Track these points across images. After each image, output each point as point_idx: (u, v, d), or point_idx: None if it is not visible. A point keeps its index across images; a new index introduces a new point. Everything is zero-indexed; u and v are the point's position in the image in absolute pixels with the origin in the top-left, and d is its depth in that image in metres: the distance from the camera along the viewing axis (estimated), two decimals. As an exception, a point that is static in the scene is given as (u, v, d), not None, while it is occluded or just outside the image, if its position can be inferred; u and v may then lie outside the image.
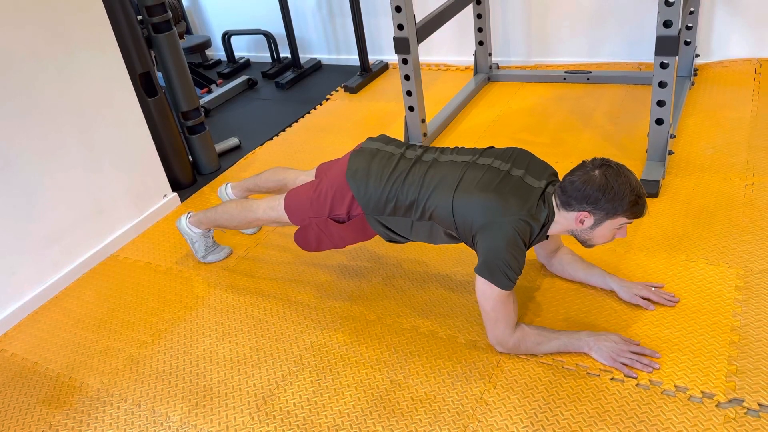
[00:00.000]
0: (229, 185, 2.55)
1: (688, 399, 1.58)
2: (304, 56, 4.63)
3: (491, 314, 1.71)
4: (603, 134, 2.95)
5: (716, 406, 1.55)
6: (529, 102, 3.42)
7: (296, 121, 3.70)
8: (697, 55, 3.36)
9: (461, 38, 3.94)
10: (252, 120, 3.83)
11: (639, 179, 1.73)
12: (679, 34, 2.22)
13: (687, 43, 3.17)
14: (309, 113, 3.80)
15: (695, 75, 3.32)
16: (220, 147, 3.38)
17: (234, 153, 3.41)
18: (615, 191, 1.59)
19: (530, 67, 3.84)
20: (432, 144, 3.13)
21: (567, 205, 1.67)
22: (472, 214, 1.69)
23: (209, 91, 4.28)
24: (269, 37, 4.50)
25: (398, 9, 2.70)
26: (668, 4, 2.17)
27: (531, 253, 2.09)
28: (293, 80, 4.31)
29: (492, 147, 1.89)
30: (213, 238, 2.45)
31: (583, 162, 1.68)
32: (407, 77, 2.89)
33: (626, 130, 2.94)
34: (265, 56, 4.77)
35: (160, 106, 2.88)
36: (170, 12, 2.88)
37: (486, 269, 1.65)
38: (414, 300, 2.08)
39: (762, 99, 2.98)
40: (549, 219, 1.71)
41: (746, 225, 2.17)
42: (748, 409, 1.53)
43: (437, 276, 2.17)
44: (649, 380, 1.65)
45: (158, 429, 1.76)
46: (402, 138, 3.11)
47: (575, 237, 1.75)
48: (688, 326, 1.79)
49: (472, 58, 3.77)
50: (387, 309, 2.06)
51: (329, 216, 1.92)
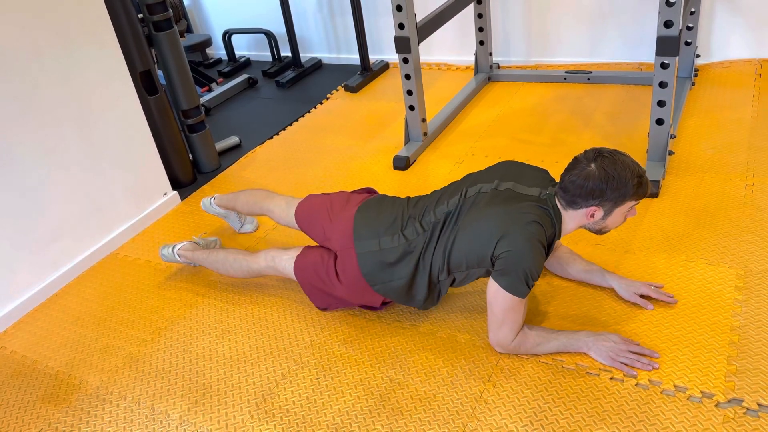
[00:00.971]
0: (213, 199, 2.51)
1: (688, 399, 1.58)
2: (305, 55, 4.63)
3: (499, 317, 1.70)
4: (603, 134, 2.95)
5: (715, 406, 1.55)
6: (530, 102, 3.42)
7: (296, 120, 3.70)
8: (698, 56, 3.36)
9: (462, 38, 3.94)
10: (252, 119, 3.83)
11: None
12: (680, 35, 2.22)
13: (688, 44, 3.17)
14: (309, 112, 3.80)
15: (696, 75, 3.33)
16: (221, 145, 3.38)
17: (234, 152, 3.41)
18: (617, 179, 1.59)
19: (531, 67, 3.84)
20: (433, 143, 3.13)
21: (573, 204, 1.66)
22: (489, 234, 1.66)
23: (210, 90, 4.28)
24: (270, 36, 4.50)
25: (399, 8, 2.70)
26: (669, 5, 2.17)
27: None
28: (294, 79, 4.31)
29: (471, 173, 1.89)
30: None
31: (576, 158, 1.67)
32: (408, 76, 2.89)
33: (626, 131, 2.94)
34: (266, 55, 4.77)
35: (161, 105, 2.88)
36: (171, 10, 2.88)
37: (506, 276, 1.63)
38: (414, 299, 2.08)
39: (762, 100, 2.98)
40: (557, 219, 1.71)
41: (746, 225, 2.17)
42: (748, 409, 1.53)
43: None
44: (649, 380, 1.65)
45: (157, 427, 1.77)
46: (402, 137, 3.12)
47: (588, 230, 1.76)
48: (688, 326, 1.79)
49: (473, 58, 3.77)
50: (387, 308, 2.06)
51: (360, 305, 2.00)
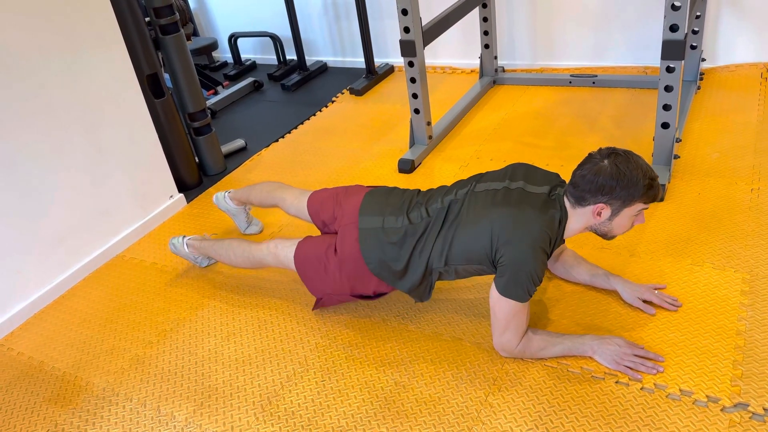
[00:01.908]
0: (227, 194, 2.52)
1: (693, 403, 1.58)
2: (310, 58, 4.65)
3: (503, 322, 1.70)
4: (608, 138, 2.95)
5: (721, 411, 1.55)
6: (535, 105, 3.43)
7: (302, 123, 3.72)
8: (704, 60, 3.36)
9: (467, 41, 3.95)
10: (258, 122, 3.84)
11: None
12: (686, 39, 2.22)
13: (693, 48, 3.17)
14: (314, 115, 3.81)
15: (701, 79, 3.32)
16: (226, 148, 3.39)
17: (240, 154, 3.42)
18: (628, 178, 1.58)
19: (536, 71, 3.84)
20: (438, 146, 3.13)
21: (582, 200, 1.65)
22: (491, 234, 1.66)
23: (215, 93, 4.29)
24: (275, 40, 4.51)
25: (405, 12, 2.71)
26: (675, 9, 2.17)
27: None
28: (299, 82, 4.32)
29: (489, 171, 1.89)
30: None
31: (590, 154, 1.67)
32: (413, 80, 2.89)
33: (632, 134, 2.94)
34: (272, 58, 4.78)
35: (167, 108, 2.89)
36: (178, 14, 2.90)
37: (507, 281, 1.63)
38: (418, 302, 2.08)
39: (768, 103, 2.98)
40: (563, 221, 1.71)
41: (752, 229, 2.16)
42: (754, 414, 1.52)
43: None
44: (654, 384, 1.64)
45: (163, 428, 1.77)
46: (408, 140, 3.12)
47: (595, 232, 1.73)
48: (694, 330, 1.79)
49: (478, 61, 3.78)
50: (391, 311, 2.06)
51: (352, 294, 1.96)
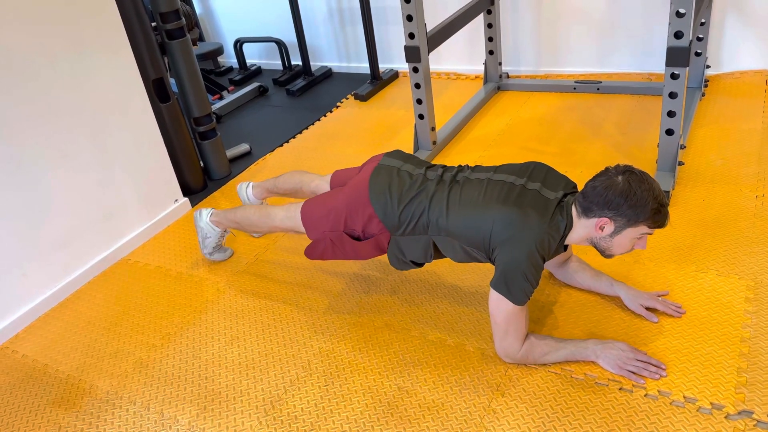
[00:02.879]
0: (251, 184, 2.58)
1: (697, 410, 1.58)
2: (315, 64, 4.66)
3: (502, 326, 1.71)
4: (613, 144, 2.95)
5: (725, 418, 1.54)
6: (539, 111, 3.43)
7: (306, 128, 3.73)
8: (708, 66, 3.36)
9: (471, 47, 3.96)
10: (263, 126, 3.85)
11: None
12: (690, 45, 2.23)
13: (698, 54, 3.18)
14: (319, 120, 3.82)
15: (706, 86, 3.32)
16: (231, 153, 3.40)
17: (245, 159, 3.43)
18: (638, 197, 1.57)
19: (540, 77, 3.85)
20: (442, 151, 3.14)
21: (588, 211, 1.65)
22: (492, 228, 1.68)
23: (221, 98, 4.31)
24: (281, 45, 4.53)
25: (410, 18, 2.72)
26: (679, 15, 2.17)
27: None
28: (304, 87, 4.34)
29: (509, 163, 1.89)
30: (224, 239, 2.48)
31: (607, 168, 1.67)
32: (417, 85, 2.90)
33: (636, 141, 2.94)
34: (277, 63, 4.80)
35: (173, 112, 2.91)
36: (184, 19, 2.92)
37: (503, 283, 1.64)
38: (422, 308, 2.09)
39: (773, 111, 2.98)
40: (568, 229, 1.71)
41: (756, 236, 2.16)
42: (758, 421, 1.52)
43: (446, 284, 2.18)
44: (658, 391, 1.64)
45: (166, 432, 1.78)
46: (412, 146, 3.13)
47: (594, 246, 1.72)
48: (698, 337, 1.79)
49: (482, 67, 3.79)
50: (395, 316, 2.07)
51: (344, 230, 1.93)
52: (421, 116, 2.99)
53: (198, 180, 3.11)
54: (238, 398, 1.84)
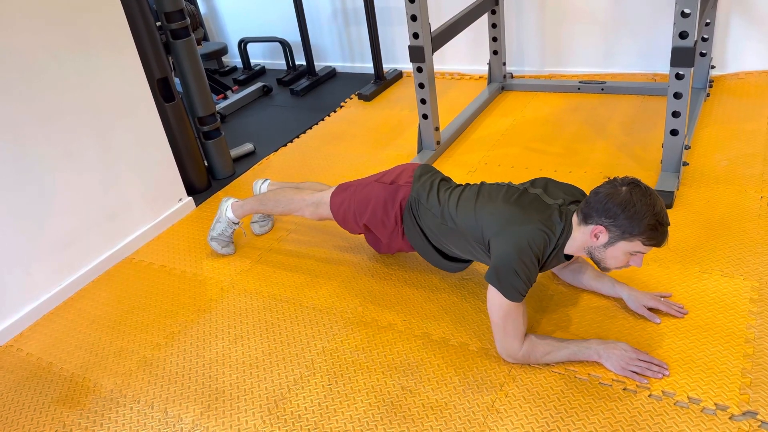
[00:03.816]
0: (268, 182, 2.65)
1: (702, 411, 1.57)
2: (319, 64, 4.67)
3: (500, 324, 1.71)
4: (617, 145, 2.95)
5: (730, 419, 1.54)
6: (543, 112, 3.43)
7: (310, 128, 3.73)
8: (713, 67, 3.35)
9: (476, 47, 3.96)
10: (267, 126, 3.86)
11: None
12: (695, 46, 2.22)
13: (702, 55, 3.17)
14: (323, 120, 3.82)
15: (710, 87, 3.31)
16: (235, 152, 3.41)
17: (249, 158, 3.43)
18: (636, 210, 1.56)
19: (544, 77, 3.84)
20: (446, 151, 3.14)
21: (587, 218, 1.65)
22: (486, 222, 1.77)
23: (225, 97, 4.32)
24: (285, 45, 4.54)
25: (414, 18, 2.72)
26: (684, 15, 2.17)
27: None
28: (308, 87, 4.34)
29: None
30: (233, 234, 2.52)
31: (614, 178, 1.67)
32: (421, 85, 2.90)
33: (640, 141, 2.94)
34: (281, 63, 4.81)
35: (177, 112, 2.91)
36: (188, 19, 2.92)
37: (495, 277, 1.67)
38: (426, 307, 2.09)
39: (778, 111, 2.97)
40: (565, 234, 1.71)
41: (761, 237, 2.15)
42: (762, 422, 1.52)
43: (449, 284, 2.18)
44: (662, 391, 1.64)
45: (170, 430, 1.78)
46: (416, 146, 3.13)
47: (590, 256, 1.72)
48: (702, 338, 1.78)
49: (486, 68, 3.79)
50: (399, 316, 2.07)
51: (361, 201, 2.11)
52: (425, 116, 2.99)
53: (202, 179, 3.12)
54: (242, 397, 1.85)
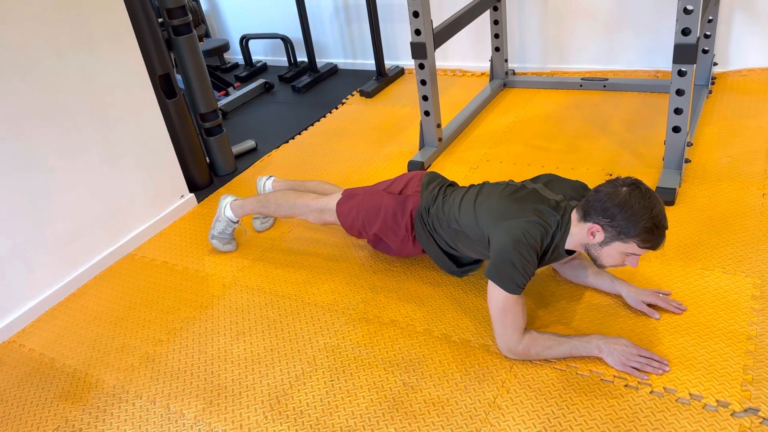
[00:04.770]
0: (272, 179, 2.65)
1: (703, 407, 1.57)
2: (321, 61, 4.67)
3: (499, 318, 1.72)
4: (619, 141, 2.94)
5: (731, 415, 1.54)
6: (545, 108, 3.42)
7: (312, 125, 3.73)
8: (715, 64, 3.34)
9: (477, 44, 3.96)
10: (268, 123, 3.86)
11: (655, 187, 1.73)
12: (698, 43, 2.22)
13: (705, 52, 3.16)
14: (325, 117, 3.82)
15: (713, 84, 3.31)
16: (237, 149, 3.41)
17: (250, 155, 3.44)
18: (633, 211, 1.57)
19: (546, 74, 3.84)
20: (447, 148, 3.14)
21: (586, 215, 1.67)
22: (484, 217, 1.81)
23: (226, 94, 4.32)
24: (286, 42, 4.54)
25: (416, 14, 2.71)
26: (687, 12, 2.16)
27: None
28: (309, 84, 4.34)
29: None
30: (233, 232, 2.52)
31: (617, 178, 1.67)
32: (423, 82, 2.90)
33: (642, 138, 2.94)
34: (282, 60, 4.81)
35: (179, 108, 2.91)
36: (190, 15, 2.92)
37: (494, 270, 1.69)
38: (427, 304, 2.09)
39: (781, 108, 2.96)
40: (563, 228, 1.71)
41: (763, 234, 2.15)
42: (764, 419, 1.52)
43: (450, 281, 2.18)
44: (664, 388, 1.64)
45: (172, 426, 1.78)
46: (417, 143, 3.13)
47: (588, 253, 1.74)
48: (704, 334, 1.78)
49: (488, 64, 3.78)
50: (400, 312, 2.07)
51: (369, 208, 2.12)
52: (427, 113, 2.99)
53: (204, 176, 3.12)
54: (244, 393, 1.85)
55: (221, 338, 2.08)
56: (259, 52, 4.97)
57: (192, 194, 2.97)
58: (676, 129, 2.40)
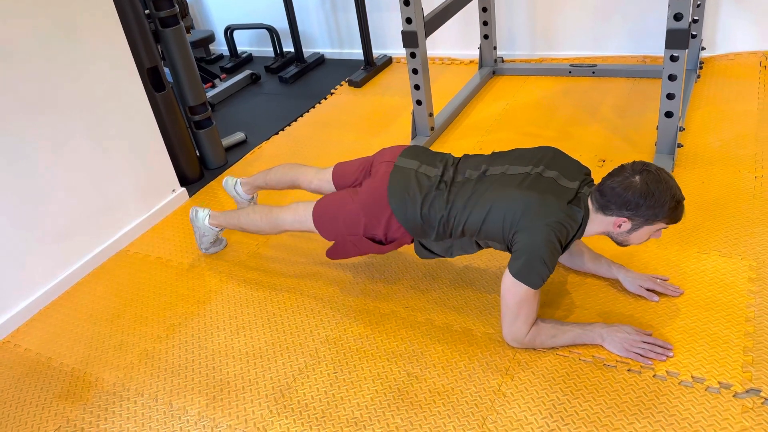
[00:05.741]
0: (239, 181, 2.48)
1: (706, 389, 1.60)
2: (307, 50, 4.62)
3: (514, 310, 1.71)
4: (610, 127, 2.96)
5: (734, 397, 1.56)
6: (535, 96, 3.43)
7: (301, 116, 3.70)
8: (703, 48, 3.37)
9: (466, 32, 3.94)
10: (257, 115, 3.82)
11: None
12: (689, 27, 2.23)
13: (693, 36, 3.18)
14: (314, 107, 3.79)
15: (701, 68, 3.33)
16: (227, 142, 3.37)
17: (240, 148, 3.40)
18: (656, 198, 1.59)
19: (535, 61, 3.84)
20: (440, 137, 3.13)
21: (606, 209, 1.66)
22: (511, 215, 1.68)
23: (213, 86, 4.26)
24: (272, 32, 4.49)
25: (407, 2, 2.69)
26: (679, -3, 2.17)
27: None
28: (297, 75, 4.30)
29: (521, 149, 1.89)
30: (219, 232, 2.42)
31: (622, 166, 1.67)
32: (415, 71, 2.89)
33: (633, 124, 2.95)
34: (268, 51, 4.76)
35: (168, 101, 2.87)
36: (177, 6, 2.87)
37: (521, 267, 1.64)
38: (428, 293, 2.09)
39: (768, 92, 2.99)
40: (585, 220, 1.71)
41: (757, 217, 2.18)
42: (766, 399, 1.54)
43: (450, 269, 2.18)
44: (666, 371, 1.66)
45: (176, 423, 1.77)
46: (410, 132, 3.12)
47: (611, 237, 1.75)
48: (703, 318, 1.81)
49: (477, 52, 3.77)
50: (401, 302, 2.07)
51: (365, 235, 1.94)
52: (419, 102, 2.98)
53: (195, 170, 3.08)
54: (248, 387, 1.84)
55: (221, 333, 2.07)
56: (244, 43, 4.91)
57: (183, 188, 2.94)
58: (669, 114, 2.42)
